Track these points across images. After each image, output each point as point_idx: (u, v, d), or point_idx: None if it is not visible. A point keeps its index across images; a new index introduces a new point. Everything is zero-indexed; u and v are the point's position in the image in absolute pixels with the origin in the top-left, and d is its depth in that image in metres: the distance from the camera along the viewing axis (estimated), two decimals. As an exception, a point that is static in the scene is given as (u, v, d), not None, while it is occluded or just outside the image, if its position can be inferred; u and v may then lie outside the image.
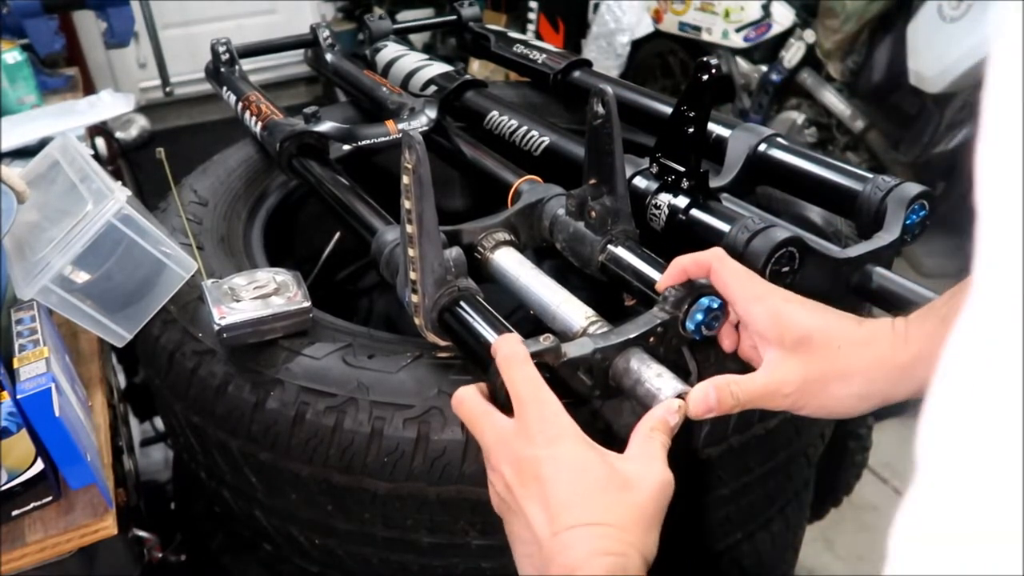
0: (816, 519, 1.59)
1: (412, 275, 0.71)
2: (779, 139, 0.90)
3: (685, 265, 0.68)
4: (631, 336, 0.66)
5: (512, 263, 0.80)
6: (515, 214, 0.86)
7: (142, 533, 1.01)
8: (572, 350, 0.64)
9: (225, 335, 0.82)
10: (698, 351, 0.73)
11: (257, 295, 0.85)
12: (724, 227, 0.79)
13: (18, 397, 0.73)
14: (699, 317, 0.67)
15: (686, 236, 0.83)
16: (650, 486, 0.54)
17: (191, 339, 0.88)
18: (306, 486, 0.82)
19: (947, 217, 1.08)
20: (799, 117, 2.74)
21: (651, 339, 0.67)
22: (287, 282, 0.88)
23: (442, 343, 0.76)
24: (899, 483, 2.09)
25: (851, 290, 0.77)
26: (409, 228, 0.68)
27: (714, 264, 0.66)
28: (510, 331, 0.67)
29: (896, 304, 0.75)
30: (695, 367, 0.73)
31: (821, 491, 1.39)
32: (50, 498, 0.80)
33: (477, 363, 0.70)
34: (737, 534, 0.98)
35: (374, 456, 0.77)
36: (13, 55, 1.65)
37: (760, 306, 0.63)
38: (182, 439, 0.94)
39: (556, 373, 0.63)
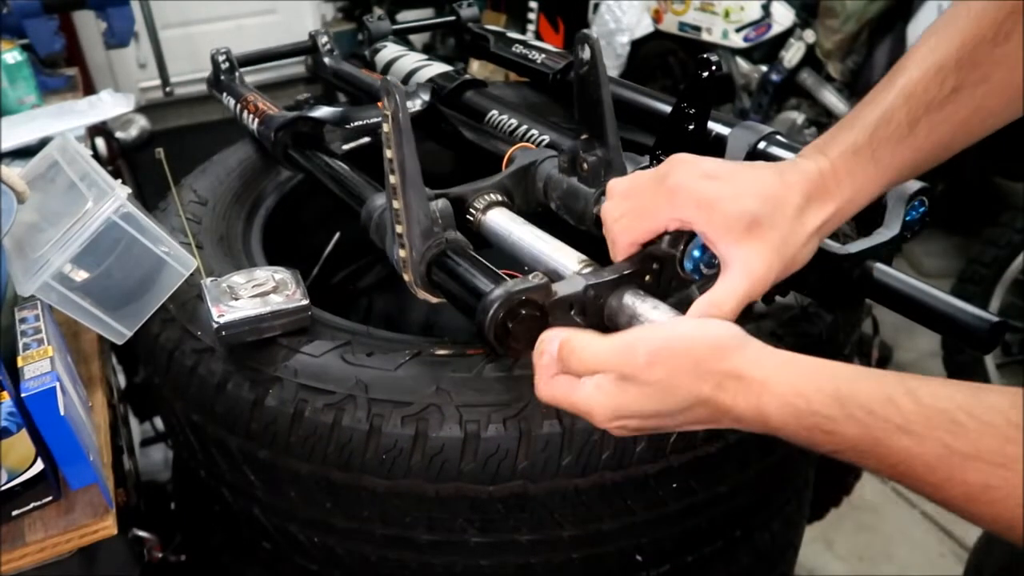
0: (816, 519, 1.59)
1: (398, 228, 0.70)
2: (778, 137, 0.90)
3: (625, 256, 0.66)
4: (625, 272, 0.64)
5: (504, 220, 0.78)
6: (508, 176, 0.84)
7: (142, 533, 1.01)
8: (563, 288, 0.62)
9: (224, 333, 0.82)
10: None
11: (256, 293, 0.85)
12: None
13: (23, 396, 0.73)
14: (696, 254, 0.65)
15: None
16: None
17: (190, 337, 0.88)
18: (305, 484, 0.82)
19: (947, 217, 1.08)
20: (799, 117, 2.74)
21: (647, 277, 0.65)
22: (286, 280, 0.88)
23: (433, 300, 0.75)
24: (899, 483, 2.09)
25: (852, 286, 0.77)
26: (392, 178, 0.66)
27: (633, 241, 0.65)
28: (503, 279, 0.65)
29: (897, 301, 0.75)
30: None
31: (821, 491, 1.39)
32: (50, 498, 0.80)
33: (470, 314, 0.67)
34: (735, 533, 0.98)
35: (372, 453, 0.77)
36: (13, 55, 1.65)
37: (694, 210, 0.61)
38: (181, 438, 0.94)
39: (546, 313, 0.61)
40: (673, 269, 0.66)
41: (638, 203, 0.64)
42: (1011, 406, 0.45)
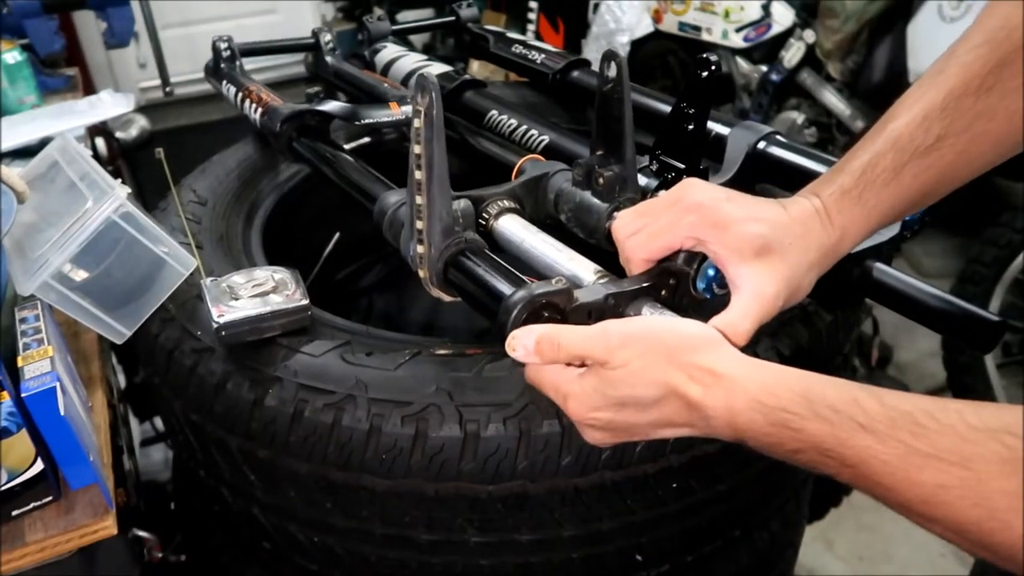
0: (816, 519, 1.59)
1: (419, 224, 0.69)
2: (778, 136, 0.90)
3: (639, 271, 0.67)
4: (643, 284, 0.65)
5: (517, 227, 0.79)
6: (520, 186, 0.84)
7: (142, 533, 1.01)
8: (584, 295, 0.63)
9: (224, 333, 0.82)
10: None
11: (255, 293, 0.85)
12: None
13: (23, 395, 0.73)
14: (711, 273, 0.66)
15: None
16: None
17: (190, 337, 0.89)
18: (305, 483, 0.82)
19: (947, 217, 1.08)
20: (799, 117, 2.73)
21: (663, 292, 0.66)
22: (285, 280, 0.88)
23: (447, 298, 0.75)
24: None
25: (851, 286, 0.77)
26: (418, 174, 0.66)
27: (648, 257, 0.66)
28: (524, 282, 0.65)
29: (897, 301, 0.75)
30: None
31: (821, 491, 1.39)
32: (50, 498, 0.80)
33: (487, 314, 0.68)
34: (735, 532, 0.98)
35: (372, 453, 0.77)
36: (13, 55, 1.65)
37: (706, 230, 0.63)
38: (181, 437, 0.94)
39: (567, 319, 0.62)
40: (686, 287, 0.67)
41: (653, 220, 0.66)
42: (971, 412, 0.46)
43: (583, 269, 0.70)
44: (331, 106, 1.07)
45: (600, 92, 0.74)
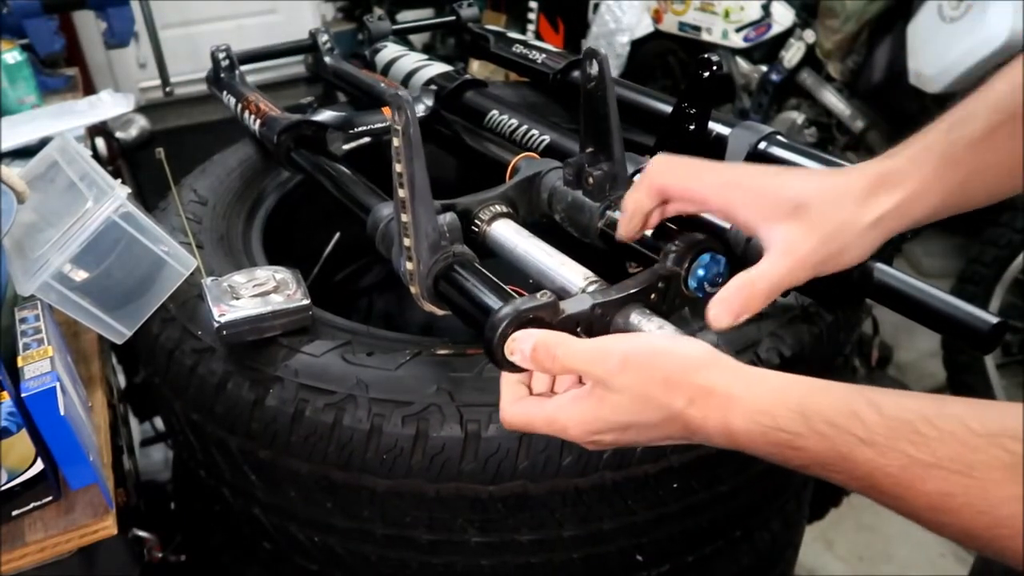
0: (816, 519, 1.59)
1: (406, 241, 0.70)
2: (779, 137, 0.90)
3: (642, 207, 0.66)
4: (631, 292, 0.64)
5: (510, 232, 0.79)
6: (513, 187, 0.84)
7: (142, 533, 1.01)
8: (570, 306, 0.63)
9: (224, 332, 0.82)
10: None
11: (256, 293, 0.85)
12: (725, 224, 0.78)
13: (23, 395, 0.73)
14: (701, 273, 0.66)
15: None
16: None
17: (190, 337, 0.89)
18: (305, 483, 0.82)
19: (947, 217, 1.08)
20: (799, 117, 2.73)
21: (652, 296, 0.66)
22: (286, 280, 0.88)
23: (440, 312, 0.75)
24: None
25: (852, 286, 0.77)
26: (401, 192, 0.67)
27: (668, 186, 0.65)
28: (511, 296, 0.65)
29: (897, 301, 0.75)
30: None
31: (821, 491, 1.39)
32: (50, 498, 0.80)
33: (476, 329, 0.68)
34: (736, 532, 0.98)
35: (373, 453, 0.77)
36: (13, 55, 1.65)
37: (738, 191, 0.62)
38: (181, 437, 0.94)
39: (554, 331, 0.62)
40: (678, 287, 0.66)
41: (691, 163, 0.65)
42: (972, 415, 0.45)
43: (573, 275, 0.70)
44: (325, 116, 1.09)
45: (584, 90, 0.74)
